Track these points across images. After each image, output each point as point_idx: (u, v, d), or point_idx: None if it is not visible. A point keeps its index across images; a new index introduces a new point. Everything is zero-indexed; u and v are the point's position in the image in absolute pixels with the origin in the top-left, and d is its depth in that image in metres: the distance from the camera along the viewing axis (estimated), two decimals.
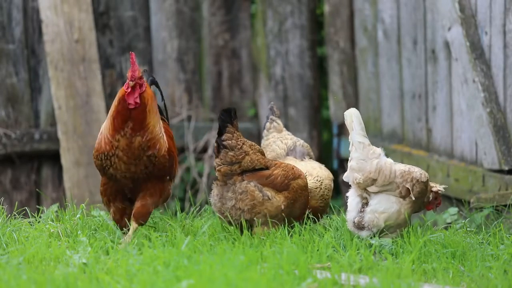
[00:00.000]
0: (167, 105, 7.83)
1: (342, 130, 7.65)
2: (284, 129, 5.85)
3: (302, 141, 5.75)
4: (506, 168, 6.05)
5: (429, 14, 6.74)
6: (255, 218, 5.03)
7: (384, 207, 5.07)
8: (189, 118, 7.73)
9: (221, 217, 5.12)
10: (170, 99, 7.66)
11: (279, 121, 5.85)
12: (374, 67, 7.40)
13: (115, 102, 4.87)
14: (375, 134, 7.35)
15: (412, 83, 6.99)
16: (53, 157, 7.25)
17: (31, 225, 5.21)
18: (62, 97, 7.19)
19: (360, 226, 5.08)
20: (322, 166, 5.61)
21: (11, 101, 7.15)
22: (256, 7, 7.88)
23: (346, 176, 5.15)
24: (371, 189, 5.07)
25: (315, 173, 5.45)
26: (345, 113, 5.15)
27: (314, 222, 5.27)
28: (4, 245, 4.80)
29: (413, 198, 5.06)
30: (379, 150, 5.13)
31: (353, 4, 7.57)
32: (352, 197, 5.15)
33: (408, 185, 5.06)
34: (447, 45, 6.53)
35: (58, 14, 7.19)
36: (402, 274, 4.35)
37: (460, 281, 4.46)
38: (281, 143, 5.69)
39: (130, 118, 4.86)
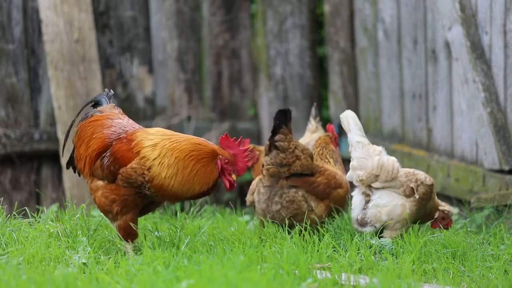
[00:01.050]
0: (167, 104, 7.81)
1: (343, 130, 7.64)
2: (319, 129, 5.91)
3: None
4: (507, 168, 6.05)
5: (430, 14, 6.74)
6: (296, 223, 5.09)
7: (386, 200, 5.11)
8: (189, 118, 7.73)
9: (261, 217, 5.14)
10: (170, 99, 7.66)
11: (313, 122, 5.93)
12: (374, 67, 7.40)
13: (204, 177, 4.65)
14: (375, 134, 7.34)
15: (412, 83, 6.99)
16: (53, 157, 7.24)
17: (30, 225, 5.20)
18: (62, 97, 7.19)
19: (363, 223, 5.12)
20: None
21: (11, 101, 7.14)
22: (256, 7, 7.87)
23: (349, 176, 5.20)
24: (375, 185, 5.12)
25: None
26: (340, 116, 5.22)
27: None
28: (4, 245, 4.79)
29: (417, 197, 5.09)
30: (379, 148, 5.18)
31: (353, 3, 7.56)
32: (356, 196, 5.21)
33: (412, 185, 5.11)
34: (447, 45, 6.52)
35: (58, 14, 7.18)
36: (403, 274, 4.34)
37: (461, 281, 4.46)
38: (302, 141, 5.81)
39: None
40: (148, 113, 7.60)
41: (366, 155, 5.15)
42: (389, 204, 5.11)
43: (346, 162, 7.53)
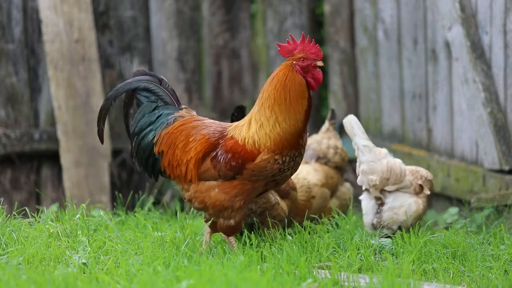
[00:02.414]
0: None
1: (343, 130, 7.65)
2: (326, 130, 5.89)
3: (324, 144, 5.79)
4: (507, 168, 6.04)
5: (430, 13, 6.73)
6: (266, 219, 5.06)
7: (401, 201, 5.14)
8: None
9: None
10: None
11: (326, 124, 5.89)
12: (374, 67, 7.40)
13: (299, 93, 4.49)
14: (375, 134, 7.34)
15: (412, 83, 6.99)
16: (53, 157, 7.24)
17: (30, 225, 5.20)
18: (61, 97, 7.19)
19: (379, 227, 5.14)
20: (314, 172, 5.63)
21: (10, 101, 7.14)
22: (256, 7, 7.87)
23: (360, 181, 5.20)
24: (388, 188, 5.13)
25: (300, 177, 5.49)
26: (343, 121, 5.24)
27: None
28: (4, 245, 4.79)
29: (428, 193, 5.14)
30: (384, 151, 5.20)
31: (354, 3, 7.56)
32: (367, 200, 5.20)
33: (420, 182, 5.15)
34: (447, 45, 6.52)
35: (58, 14, 7.18)
36: (403, 274, 4.34)
37: (461, 281, 4.45)
38: None
39: (311, 108, 4.58)
40: None
41: (374, 159, 5.16)
42: (404, 204, 5.14)
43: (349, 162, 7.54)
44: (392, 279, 4.12)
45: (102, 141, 4.85)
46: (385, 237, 5.09)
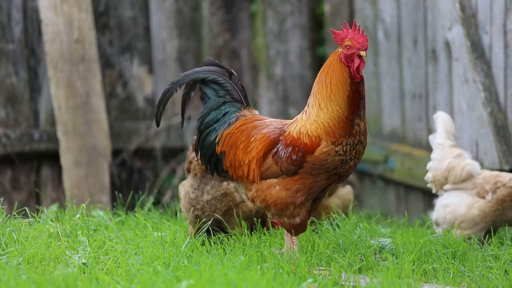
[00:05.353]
0: (167, 104, 7.80)
1: None
2: None
3: None
4: (507, 168, 6.04)
5: (430, 13, 6.74)
6: (231, 218, 5.02)
7: (450, 200, 5.16)
8: (189, 118, 7.72)
9: (186, 209, 5.05)
10: (170, 99, 7.64)
11: None
12: (374, 66, 7.40)
13: (340, 79, 4.44)
14: (375, 134, 7.34)
15: (412, 83, 6.99)
16: (53, 157, 7.24)
17: (30, 225, 5.20)
18: (61, 97, 7.19)
19: (436, 223, 5.22)
20: None
21: (10, 101, 7.14)
22: (256, 7, 7.87)
23: (426, 177, 5.29)
24: (446, 187, 5.18)
25: None
26: (434, 116, 5.37)
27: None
28: (4, 245, 4.79)
29: (488, 198, 5.10)
30: (458, 151, 5.23)
31: (354, 3, 7.56)
32: (439, 197, 5.28)
33: (487, 186, 5.10)
34: (447, 45, 6.52)
35: (58, 14, 7.18)
36: (403, 274, 4.34)
37: (461, 281, 4.45)
38: None
39: (360, 95, 4.47)
40: (148, 113, 7.59)
41: (442, 158, 5.22)
42: (451, 204, 5.15)
43: None
44: (392, 279, 4.12)
45: (158, 124, 4.78)
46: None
